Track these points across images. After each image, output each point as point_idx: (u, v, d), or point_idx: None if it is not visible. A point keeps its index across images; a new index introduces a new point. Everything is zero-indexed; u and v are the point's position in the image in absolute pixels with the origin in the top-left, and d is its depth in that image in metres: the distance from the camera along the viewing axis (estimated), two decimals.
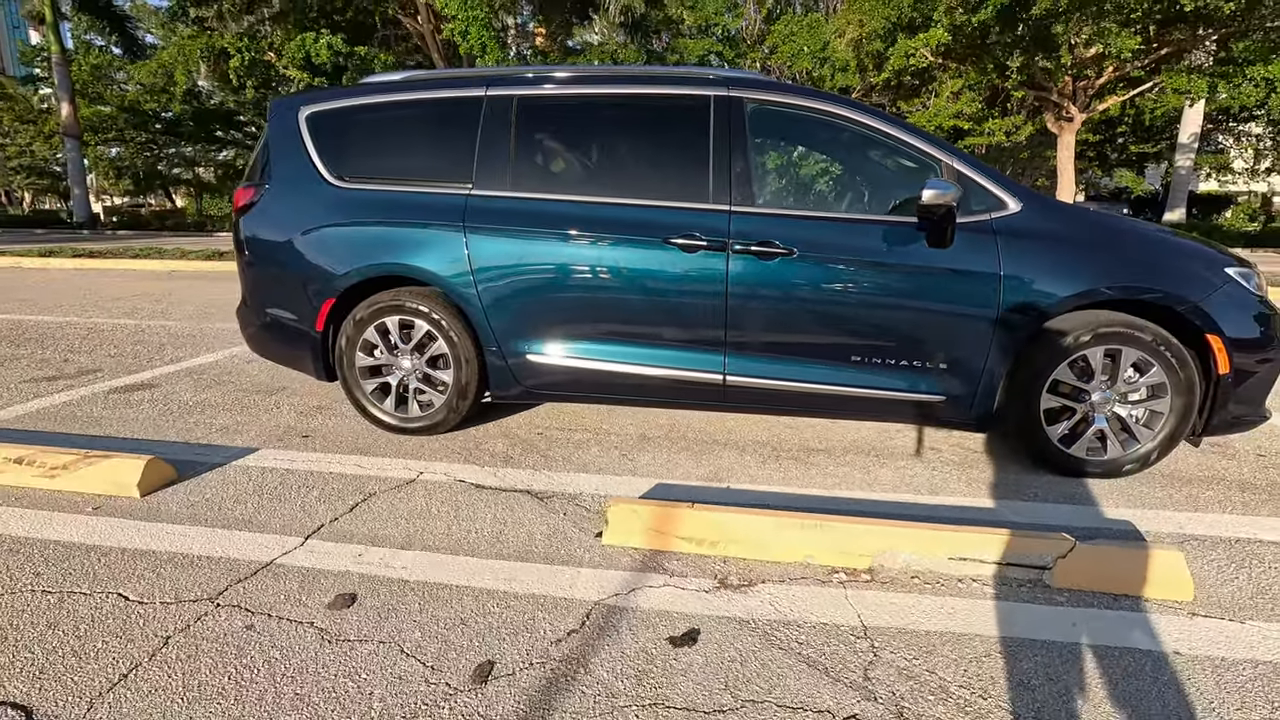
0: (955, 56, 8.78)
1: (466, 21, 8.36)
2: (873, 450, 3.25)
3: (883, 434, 3.46)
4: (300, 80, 9.96)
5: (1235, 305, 2.70)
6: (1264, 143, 30.88)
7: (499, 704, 1.61)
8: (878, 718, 1.56)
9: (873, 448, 3.28)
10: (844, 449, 3.26)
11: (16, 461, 2.71)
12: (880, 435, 3.44)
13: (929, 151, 2.87)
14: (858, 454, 3.20)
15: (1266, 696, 1.64)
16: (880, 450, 3.25)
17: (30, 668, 1.70)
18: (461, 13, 8.35)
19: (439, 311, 3.13)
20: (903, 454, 3.20)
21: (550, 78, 3.15)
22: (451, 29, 8.69)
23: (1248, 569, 2.21)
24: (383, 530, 2.43)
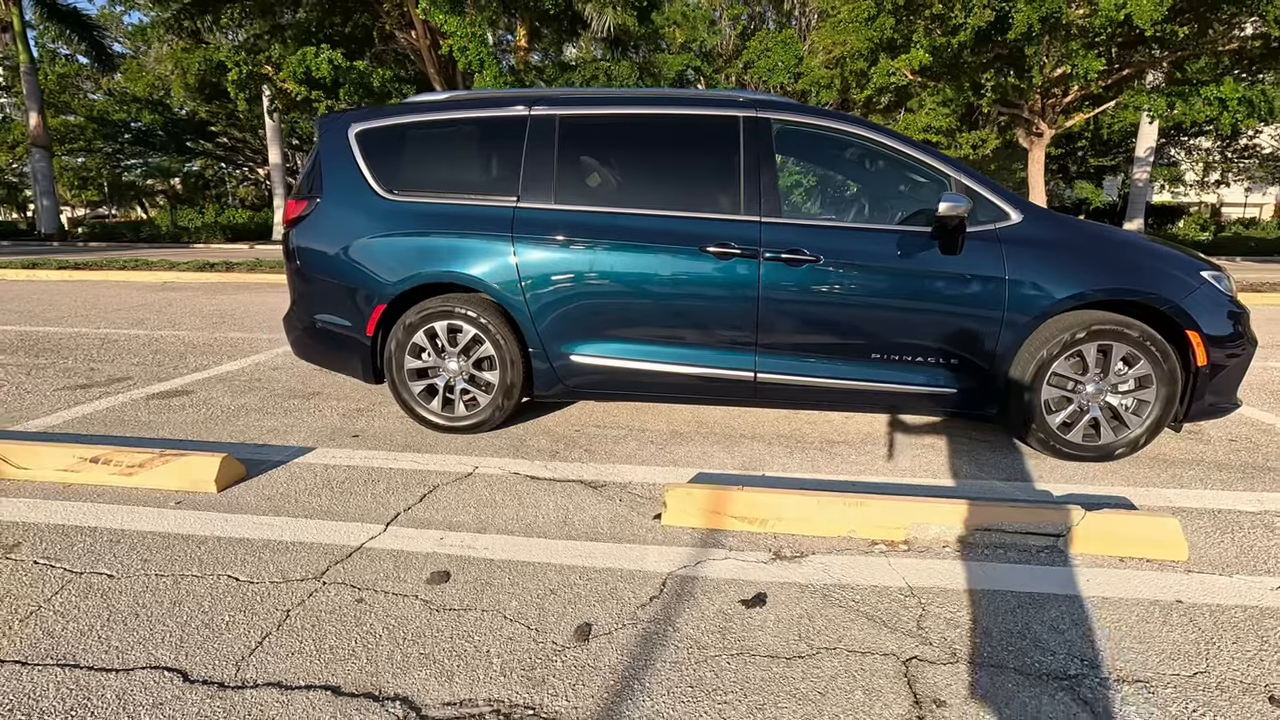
0: (934, 75, 9.29)
1: (466, 38, 8.57)
2: (887, 443, 3.52)
3: (896, 426, 3.74)
4: (298, 93, 10.05)
5: (1210, 305, 3.05)
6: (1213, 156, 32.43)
7: (604, 656, 1.82)
8: (935, 657, 1.81)
9: (888, 438, 3.56)
10: (862, 440, 3.53)
11: (92, 461, 2.84)
12: (894, 427, 3.72)
13: (939, 167, 3.17)
14: (875, 444, 3.47)
15: (1256, 632, 1.93)
16: (895, 442, 3.52)
17: (169, 639, 1.87)
18: (460, 29, 8.55)
19: (486, 316, 3.33)
20: (917, 443, 3.49)
21: (589, 99, 3.39)
22: (450, 44, 8.88)
23: (1230, 534, 2.52)
24: (456, 517, 2.62)
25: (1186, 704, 1.64)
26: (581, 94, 3.41)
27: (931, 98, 9.66)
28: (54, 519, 2.54)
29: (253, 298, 8.95)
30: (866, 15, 8.43)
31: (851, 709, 1.63)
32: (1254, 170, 33.76)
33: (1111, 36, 8.10)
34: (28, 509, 2.61)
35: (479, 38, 8.69)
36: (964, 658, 1.81)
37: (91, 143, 31.41)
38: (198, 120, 30.87)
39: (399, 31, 11.67)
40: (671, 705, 1.64)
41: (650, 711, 1.62)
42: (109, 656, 1.79)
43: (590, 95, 3.41)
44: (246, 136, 34.85)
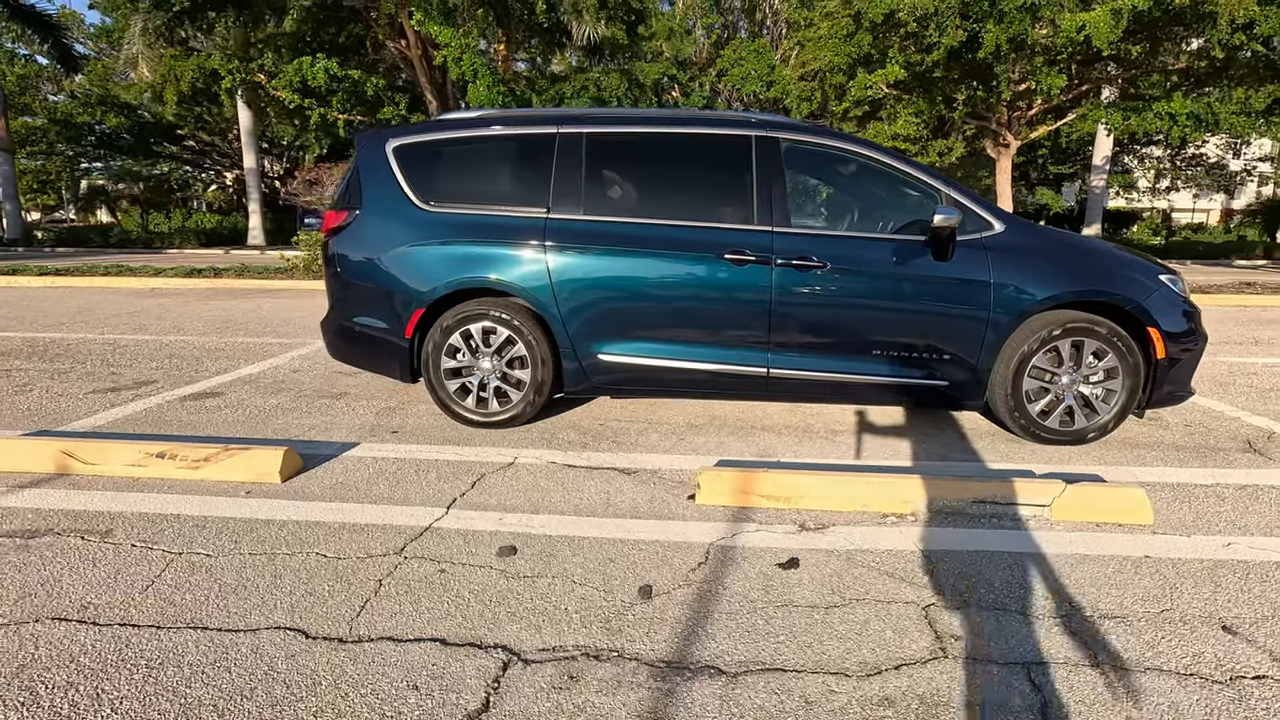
0: (908, 89, 9.80)
1: (460, 49, 8.77)
2: (886, 430, 3.87)
3: (892, 416, 4.09)
4: (291, 101, 10.14)
5: (1168, 304, 3.45)
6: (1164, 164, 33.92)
7: (668, 610, 2.11)
8: (948, 604, 2.14)
9: (885, 428, 3.90)
10: (862, 429, 3.87)
11: (159, 456, 3.03)
12: (890, 417, 4.07)
13: (930, 182, 3.53)
14: (875, 433, 3.81)
15: (1210, 579, 2.29)
16: (893, 430, 3.87)
17: (281, 605, 2.10)
18: (455, 41, 8.75)
19: (519, 318, 3.60)
20: (912, 431, 3.84)
21: (613, 118, 3.69)
22: (445, 55, 9.08)
23: (1188, 503, 2.91)
24: (508, 500, 2.88)
25: (1156, 633, 1.99)
26: (606, 114, 3.70)
27: (905, 109, 10.19)
28: (136, 508, 2.73)
29: (247, 303, 9.02)
30: (846, 32, 8.89)
31: (885, 644, 1.94)
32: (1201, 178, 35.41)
33: (1072, 55, 8.72)
34: (107, 500, 2.80)
35: (473, 49, 8.92)
36: (973, 603, 2.14)
37: (54, 145, 30.67)
38: (165, 123, 30.35)
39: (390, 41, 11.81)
40: (733, 646, 1.93)
41: (716, 651, 1.91)
42: (233, 620, 2.02)
43: (614, 115, 3.70)
44: (215, 140, 34.36)
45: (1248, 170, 34.02)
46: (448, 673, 1.81)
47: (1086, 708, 1.68)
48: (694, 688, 1.76)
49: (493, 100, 9.21)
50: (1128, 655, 1.89)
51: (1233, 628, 2.02)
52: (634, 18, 10.42)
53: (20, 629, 1.96)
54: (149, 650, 1.88)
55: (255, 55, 9.97)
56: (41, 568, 2.29)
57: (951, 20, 7.94)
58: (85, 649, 1.88)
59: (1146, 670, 1.83)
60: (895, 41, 8.89)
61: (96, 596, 2.13)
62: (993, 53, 7.99)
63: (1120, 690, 1.75)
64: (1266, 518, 2.77)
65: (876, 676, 1.81)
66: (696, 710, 1.68)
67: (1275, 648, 1.92)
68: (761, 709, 1.68)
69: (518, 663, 1.86)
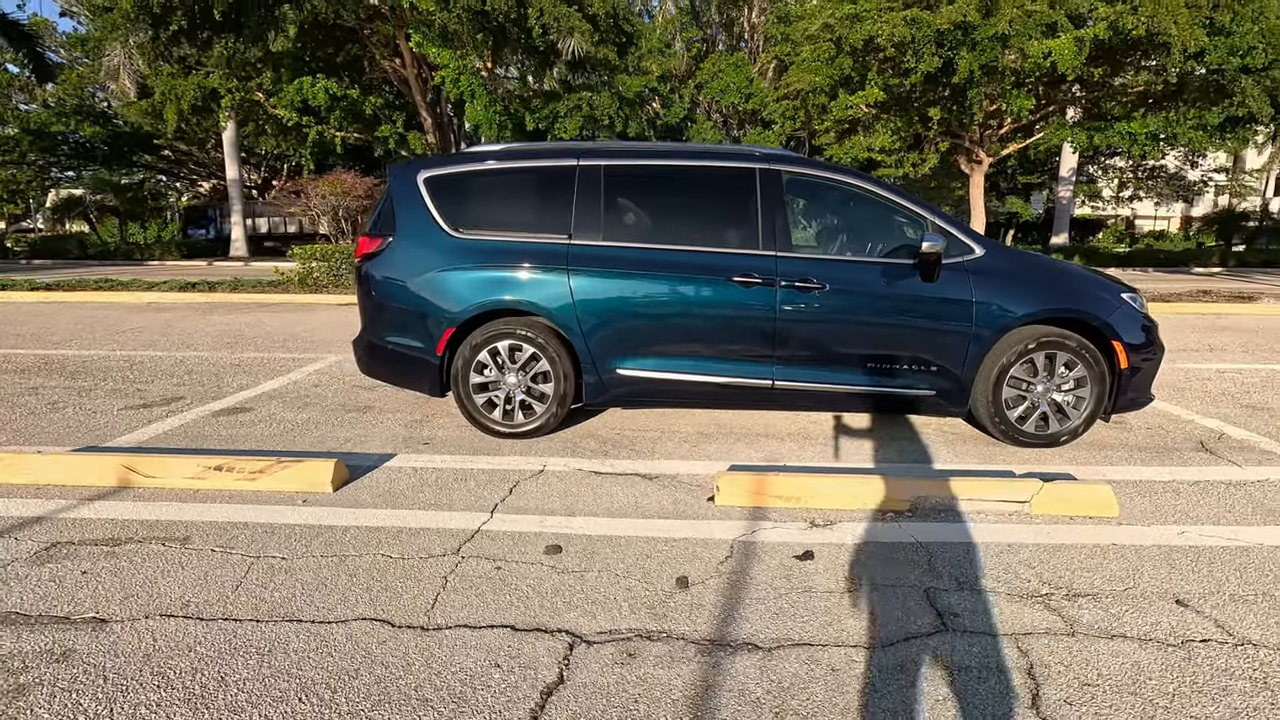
0: (885, 109, 10.29)
1: (458, 70, 9.03)
2: (879, 435, 4.22)
3: (882, 423, 4.44)
4: (289, 119, 10.28)
5: (1129, 320, 3.85)
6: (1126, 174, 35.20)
7: (704, 598, 2.41)
8: (946, 586, 2.47)
9: (879, 434, 4.25)
10: (858, 435, 4.21)
11: (216, 469, 3.27)
12: (881, 424, 4.42)
13: (918, 211, 3.90)
14: (870, 439, 4.16)
15: (1167, 562, 2.65)
16: (887, 436, 4.22)
17: (361, 599, 2.36)
18: (452, 62, 9.00)
19: (544, 336, 3.88)
20: (901, 436, 4.19)
21: (628, 151, 4.00)
22: (443, 75, 9.32)
23: (1148, 497, 3.29)
24: (545, 504, 3.17)
25: (1121, 607, 2.34)
26: (621, 147, 4.02)
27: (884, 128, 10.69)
28: (204, 517, 2.97)
29: (247, 317, 9.16)
30: (828, 56, 9.34)
31: (895, 621, 2.26)
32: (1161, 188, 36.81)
33: (1039, 79, 9.26)
34: (174, 510, 3.03)
35: (470, 69, 9.18)
36: (967, 586, 2.48)
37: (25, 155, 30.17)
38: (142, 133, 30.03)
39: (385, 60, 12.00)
40: (765, 626, 2.24)
41: (750, 630, 2.22)
42: (322, 613, 2.28)
43: (629, 149, 4.01)
44: (193, 150, 34.05)
45: (1205, 180, 35.46)
46: (523, 653, 2.09)
47: (1065, 668, 2.02)
48: (736, 661, 2.06)
49: (489, 119, 9.49)
50: (1098, 625, 2.23)
51: (1184, 601, 2.37)
52: (625, 39, 10.78)
53: (135, 625, 2.20)
54: (256, 640, 2.13)
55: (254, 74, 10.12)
56: (135, 572, 2.52)
57: (928, 48, 8.43)
58: (199, 640, 2.13)
59: (1114, 637, 2.17)
60: (874, 65, 9.37)
61: (194, 595, 2.37)
62: (966, 78, 8.51)
63: (1093, 653, 2.09)
64: (1214, 509, 3.15)
65: (890, 648, 2.13)
66: (740, 679, 1.98)
67: (1219, 617, 2.28)
68: (795, 676, 1.99)
69: (581, 644, 2.14)
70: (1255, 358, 6.79)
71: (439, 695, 1.90)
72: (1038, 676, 1.99)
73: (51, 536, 2.78)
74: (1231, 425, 4.42)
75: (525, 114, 10.65)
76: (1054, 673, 2.00)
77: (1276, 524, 3.00)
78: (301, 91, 9.59)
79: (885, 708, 1.86)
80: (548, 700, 1.89)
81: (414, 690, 1.92)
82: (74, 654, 2.04)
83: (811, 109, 10.30)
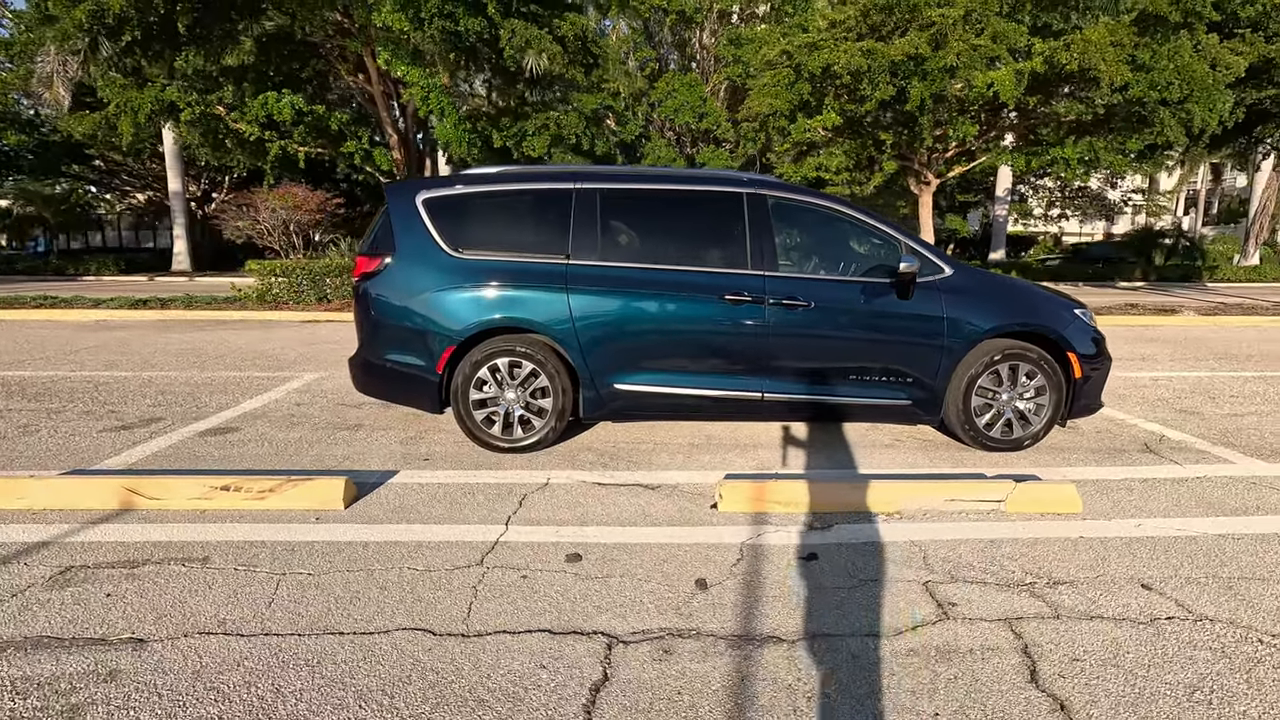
0: (841, 132, 10.82)
1: (427, 88, 9.05)
2: (862, 444, 4.48)
3: (862, 432, 4.71)
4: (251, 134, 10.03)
5: (1082, 333, 4.22)
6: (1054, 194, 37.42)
7: (724, 597, 2.57)
8: (941, 579, 2.70)
9: (862, 442, 4.51)
10: (842, 444, 4.46)
11: (224, 489, 3.26)
12: (861, 433, 4.69)
13: (893, 234, 4.20)
14: (853, 447, 4.41)
15: (1129, 551, 2.96)
16: (868, 443, 4.49)
17: (398, 610, 2.44)
18: (421, 80, 9.02)
19: (542, 353, 4.00)
20: (881, 444, 4.46)
21: (622, 175, 4.18)
22: (412, 93, 9.32)
23: (1106, 494, 3.62)
24: (557, 515, 3.28)
25: (1095, 591, 2.61)
26: (616, 172, 4.20)
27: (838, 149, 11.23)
28: (219, 537, 2.97)
29: (209, 335, 8.92)
30: (788, 81, 9.79)
31: (900, 610, 2.47)
32: (1086, 206, 39.32)
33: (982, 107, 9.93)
34: (186, 531, 3.02)
35: (439, 87, 9.23)
36: (960, 578, 2.71)
37: None
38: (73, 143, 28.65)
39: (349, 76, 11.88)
40: (784, 620, 2.42)
41: (772, 625, 2.39)
42: (362, 624, 2.35)
43: (623, 173, 4.20)
44: (128, 160, 32.64)
45: (1124, 200, 38.09)
46: (565, 654, 2.21)
47: (1054, 646, 2.26)
48: (764, 652, 2.23)
49: (459, 137, 9.54)
50: (1078, 609, 2.49)
51: (1148, 585, 2.66)
52: (592, 60, 11.02)
53: (175, 643, 2.23)
54: (302, 652, 2.19)
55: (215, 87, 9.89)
56: (160, 593, 2.53)
57: (883, 77, 8.96)
58: (245, 655, 2.17)
59: (1093, 618, 2.43)
60: (831, 91, 9.87)
61: (228, 613, 2.40)
62: (918, 105, 9.07)
63: (1077, 633, 2.34)
64: (1164, 503, 3.50)
65: (900, 635, 2.33)
66: (770, 667, 2.15)
67: (1179, 597, 2.58)
68: (821, 662, 2.17)
69: (618, 644, 2.28)
70: (1183, 366, 7.41)
71: (493, 696, 2.01)
72: (1032, 654, 2.22)
73: (63, 561, 2.75)
74: (1170, 428, 4.86)
75: (493, 131, 10.74)
76: (1046, 651, 2.24)
77: (1216, 515, 3.36)
78: (267, 106, 9.43)
79: (905, 688, 2.06)
80: (597, 695, 2.02)
81: (468, 692, 2.02)
82: (121, 674, 2.07)
83: (772, 131, 10.77)
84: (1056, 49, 9.03)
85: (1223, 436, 4.66)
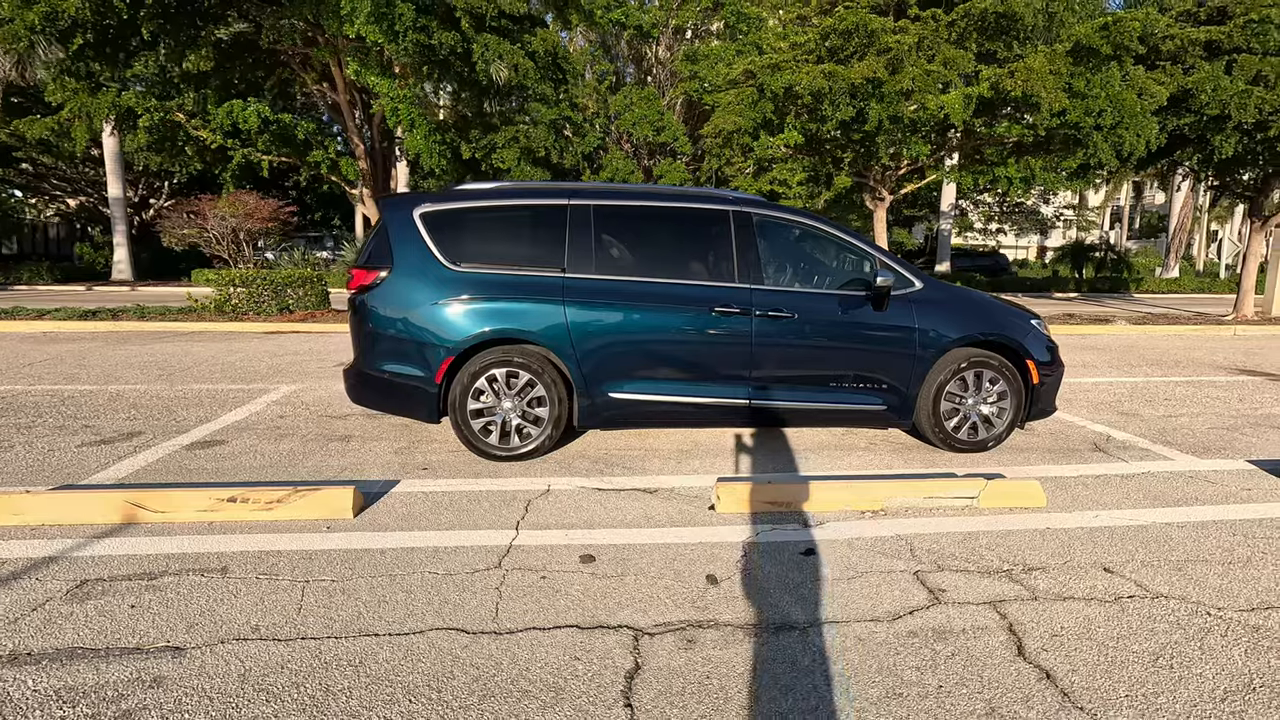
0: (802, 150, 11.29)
1: (398, 100, 9.03)
2: (840, 447, 4.74)
3: (838, 436, 4.97)
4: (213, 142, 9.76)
5: (1038, 342, 4.59)
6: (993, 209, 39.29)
7: (735, 591, 2.75)
8: (928, 569, 2.94)
9: (840, 446, 4.77)
10: (821, 448, 4.71)
11: (229, 500, 3.28)
12: (837, 437, 4.95)
13: (868, 250, 4.49)
14: (832, 450, 4.66)
15: (1090, 540, 3.27)
16: (845, 447, 4.75)
17: (429, 612, 2.53)
18: (391, 91, 9.00)
19: (539, 363, 4.13)
20: (858, 447, 4.73)
21: (614, 192, 4.35)
22: (382, 105, 9.27)
23: (1065, 490, 3.95)
24: (564, 520, 3.41)
25: (1065, 576, 2.89)
26: (607, 188, 4.37)
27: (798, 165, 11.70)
28: (233, 548, 2.99)
29: (170, 347, 8.67)
30: (752, 100, 10.18)
31: (896, 599, 2.69)
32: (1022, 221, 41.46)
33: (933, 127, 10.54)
34: (197, 543, 3.03)
35: (410, 99, 9.22)
36: (945, 567, 2.96)
37: None
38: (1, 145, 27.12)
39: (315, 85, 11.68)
40: (794, 610, 2.61)
41: (784, 614, 2.58)
42: (396, 626, 2.43)
43: (614, 189, 4.37)
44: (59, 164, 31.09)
45: (1057, 215, 40.36)
46: (596, 647, 2.35)
47: (1035, 624, 2.51)
48: (779, 638, 2.42)
49: (429, 149, 9.54)
50: (1052, 591, 2.76)
51: (1110, 569, 2.96)
52: (561, 75, 11.19)
53: (213, 650, 2.27)
54: (342, 654, 2.27)
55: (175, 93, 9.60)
56: (186, 603, 2.55)
57: (843, 99, 9.42)
58: (286, 659, 2.23)
59: (1064, 599, 2.70)
60: (793, 110, 10.30)
61: (260, 620, 2.45)
62: (876, 126, 9.57)
63: (1054, 612, 2.60)
64: (1115, 497, 3.85)
65: (899, 619, 2.55)
66: (788, 652, 2.33)
67: (1136, 578, 2.88)
68: (832, 645, 2.37)
69: (644, 635, 2.43)
70: (1121, 372, 7.99)
71: (535, 686, 2.13)
72: (1017, 632, 2.47)
73: (76, 575, 2.73)
74: (1115, 429, 5.29)
75: (461, 143, 10.76)
76: (1029, 628, 2.49)
77: (1162, 506, 3.72)
78: (233, 115, 9.24)
79: (911, 664, 2.27)
80: (632, 682, 2.16)
81: (511, 684, 2.14)
82: (166, 680, 2.11)
83: (736, 147, 11.15)
84: (1002, 75, 9.67)
85: (1161, 435, 5.11)
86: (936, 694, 2.12)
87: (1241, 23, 11.04)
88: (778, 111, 10.16)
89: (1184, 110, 11.28)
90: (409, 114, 9.08)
